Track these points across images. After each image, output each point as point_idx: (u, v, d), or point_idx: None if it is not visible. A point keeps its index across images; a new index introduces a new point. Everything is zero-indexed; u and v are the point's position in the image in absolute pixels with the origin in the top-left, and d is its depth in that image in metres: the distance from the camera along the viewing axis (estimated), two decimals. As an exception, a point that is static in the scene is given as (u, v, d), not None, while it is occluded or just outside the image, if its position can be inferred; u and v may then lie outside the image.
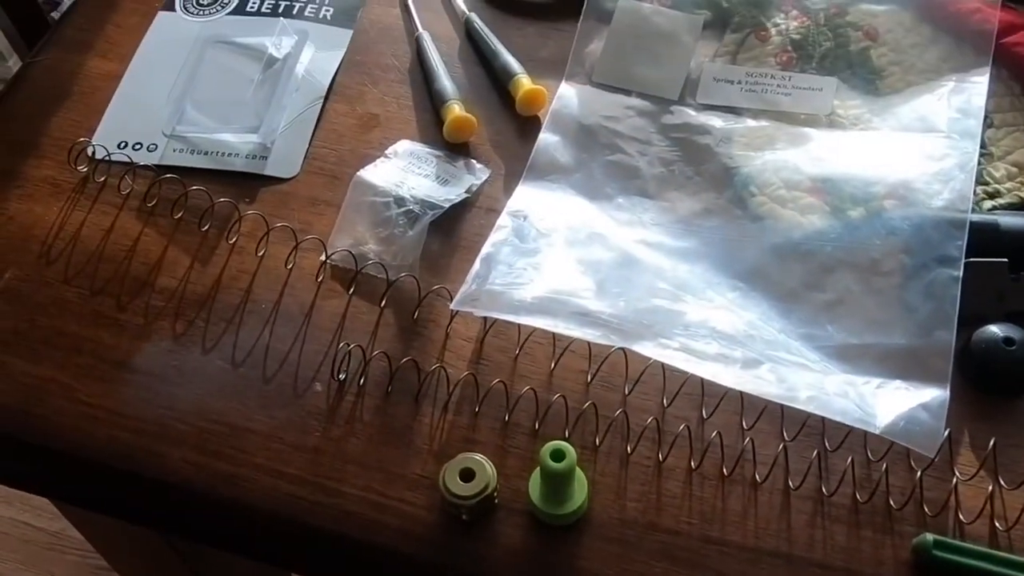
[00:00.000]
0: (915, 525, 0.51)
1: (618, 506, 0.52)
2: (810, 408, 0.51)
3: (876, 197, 0.59)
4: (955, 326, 0.54)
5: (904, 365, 0.54)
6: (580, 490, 0.51)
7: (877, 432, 0.50)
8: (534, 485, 0.51)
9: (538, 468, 0.51)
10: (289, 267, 0.60)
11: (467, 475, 0.51)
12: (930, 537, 0.50)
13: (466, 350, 0.57)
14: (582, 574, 0.50)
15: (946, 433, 0.50)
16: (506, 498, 0.52)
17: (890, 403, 0.51)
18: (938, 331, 0.54)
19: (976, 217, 0.59)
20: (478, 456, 0.51)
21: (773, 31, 0.68)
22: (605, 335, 0.54)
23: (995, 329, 0.55)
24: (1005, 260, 0.57)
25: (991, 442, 0.51)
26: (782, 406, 0.52)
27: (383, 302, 0.57)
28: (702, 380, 0.53)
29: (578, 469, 0.51)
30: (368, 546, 0.51)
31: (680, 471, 0.53)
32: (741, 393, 0.53)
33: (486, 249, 0.59)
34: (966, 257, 0.57)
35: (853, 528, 0.51)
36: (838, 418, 0.51)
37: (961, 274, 0.56)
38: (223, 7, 0.72)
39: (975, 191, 0.62)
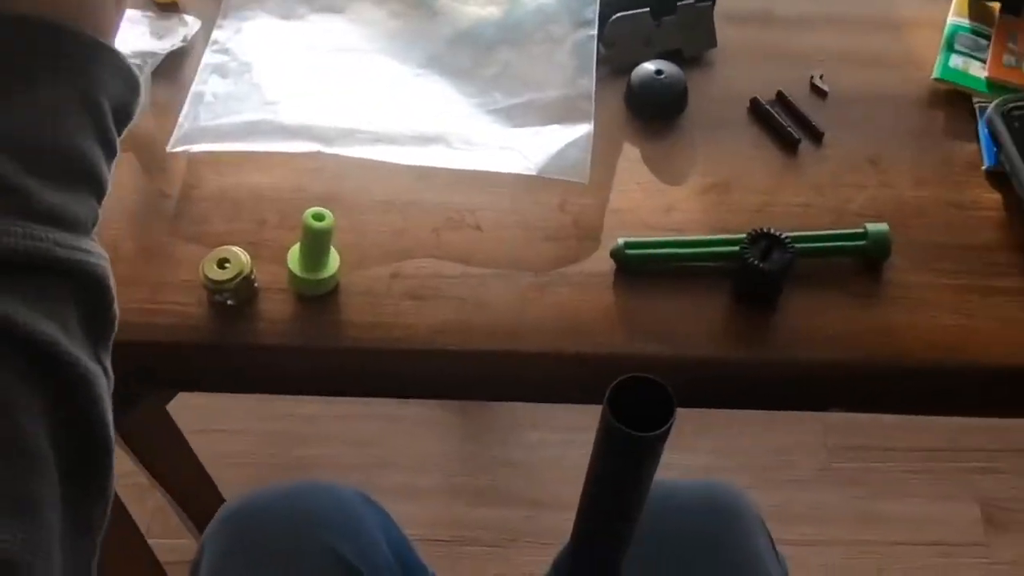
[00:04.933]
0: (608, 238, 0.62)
1: (362, 266, 0.60)
2: (478, 167, 0.61)
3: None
4: (594, 73, 0.65)
5: (557, 112, 0.64)
6: (333, 259, 0.59)
7: (535, 173, 0.60)
8: (293, 258, 0.58)
9: (296, 245, 0.58)
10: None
11: (223, 264, 0.57)
12: (621, 240, 0.60)
13: (208, 179, 0.63)
14: (342, 325, 0.58)
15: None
16: (266, 282, 0.59)
17: (545, 147, 0.62)
18: (581, 80, 0.65)
19: (617, -20, 0.69)
20: (233, 248, 0.58)
21: None
22: (308, 144, 0.62)
23: (648, 66, 0.66)
24: (647, 10, 0.67)
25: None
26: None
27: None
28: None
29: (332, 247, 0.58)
30: (149, 344, 0.57)
31: (409, 232, 0.61)
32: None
33: (194, 88, 0.65)
34: (617, 13, 0.67)
35: (556, 243, 0.61)
36: (502, 169, 0.61)
37: (596, 32, 0.66)
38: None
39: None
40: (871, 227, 0.60)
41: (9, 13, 0.39)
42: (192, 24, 0.69)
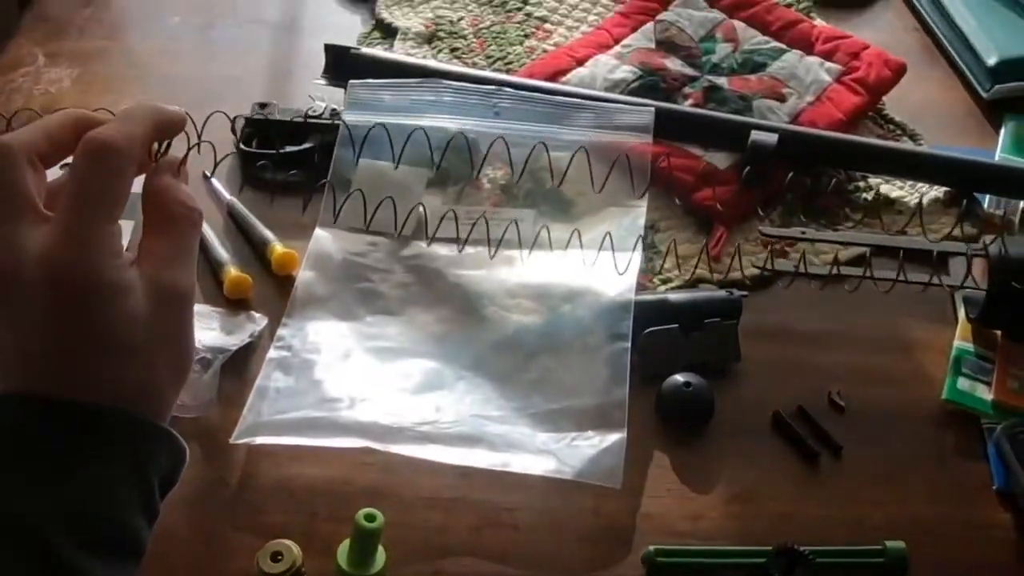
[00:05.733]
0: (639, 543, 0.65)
1: (407, 562, 0.63)
2: (518, 469, 0.66)
3: (573, 296, 0.76)
4: (627, 384, 0.70)
5: (592, 419, 0.69)
6: (380, 556, 0.62)
7: (572, 478, 0.65)
8: (343, 554, 0.61)
9: (346, 541, 0.61)
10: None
11: (276, 556, 0.61)
12: (652, 548, 0.63)
13: (265, 470, 0.68)
14: (384, 621, 0.61)
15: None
16: (314, 573, 0.62)
17: (581, 452, 0.67)
18: (615, 390, 0.70)
19: (651, 296, 0.76)
20: (285, 541, 0.62)
21: (484, 180, 0.85)
22: (360, 441, 0.67)
23: (678, 377, 0.72)
24: (676, 326, 0.74)
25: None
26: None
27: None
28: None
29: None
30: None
31: (450, 529, 0.65)
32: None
33: (258, 383, 0.71)
34: (648, 328, 0.73)
35: (589, 545, 0.65)
36: (540, 472, 0.65)
37: (630, 345, 0.72)
38: None
39: (652, 280, 0.80)
40: (890, 545, 0.63)
41: (81, 402, 0.43)
42: (260, 321, 0.76)
